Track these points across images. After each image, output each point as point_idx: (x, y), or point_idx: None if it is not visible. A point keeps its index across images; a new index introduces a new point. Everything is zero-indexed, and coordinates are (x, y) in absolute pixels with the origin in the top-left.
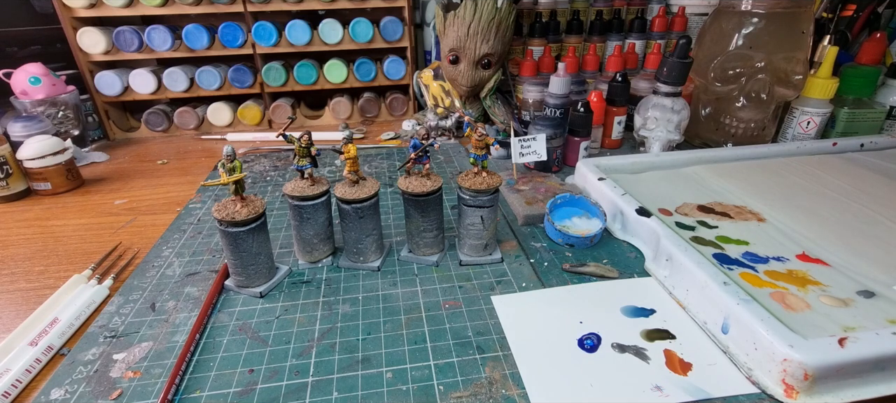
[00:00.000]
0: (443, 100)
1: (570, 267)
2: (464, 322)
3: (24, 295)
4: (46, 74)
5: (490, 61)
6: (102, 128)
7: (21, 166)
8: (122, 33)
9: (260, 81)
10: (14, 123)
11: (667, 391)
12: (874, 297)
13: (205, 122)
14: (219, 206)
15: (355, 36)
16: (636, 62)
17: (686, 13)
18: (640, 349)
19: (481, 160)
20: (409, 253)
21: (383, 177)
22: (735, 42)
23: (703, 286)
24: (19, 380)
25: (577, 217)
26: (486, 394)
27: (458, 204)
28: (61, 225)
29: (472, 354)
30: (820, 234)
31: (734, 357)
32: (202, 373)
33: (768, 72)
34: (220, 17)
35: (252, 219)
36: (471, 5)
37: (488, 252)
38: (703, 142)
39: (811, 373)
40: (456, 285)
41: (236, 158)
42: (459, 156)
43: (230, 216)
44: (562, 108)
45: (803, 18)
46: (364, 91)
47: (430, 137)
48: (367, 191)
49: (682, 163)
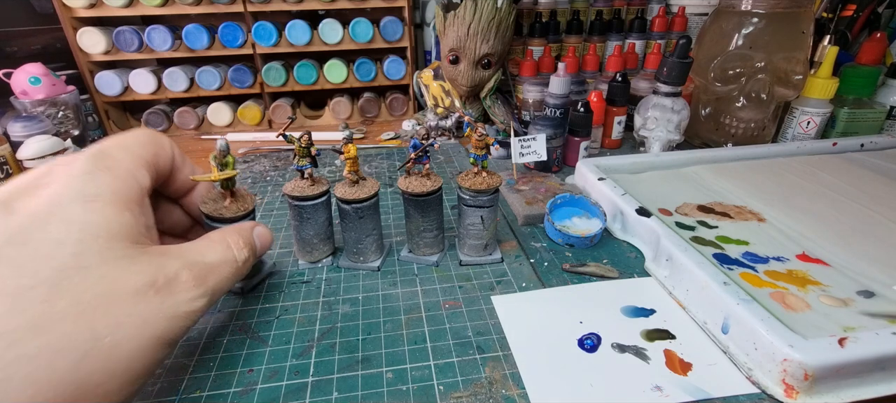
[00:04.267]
0: (443, 100)
1: (570, 267)
2: (464, 322)
3: None
4: (46, 74)
5: (490, 61)
6: (102, 128)
7: (21, 166)
8: (122, 33)
9: (260, 81)
10: (14, 123)
11: (667, 391)
12: (874, 297)
13: (205, 122)
14: (206, 199)
15: (355, 36)
16: (636, 62)
17: (686, 13)
18: (640, 349)
19: (481, 160)
20: (409, 253)
21: (383, 177)
22: (735, 42)
23: (704, 286)
24: None
25: (577, 217)
26: (486, 394)
27: (458, 204)
28: None
29: (472, 354)
30: (820, 234)
31: (734, 357)
32: (202, 373)
33: (768, 73)
34: (220, 17)
35: (240, 216)
36: (471, 5)
37: (488, 252)
38: (703, 142)
39: (811, 373)
40: (456, 285)
41: (230, 154)
42: (459, 156)
43: (217, 212)
44: (562, 108)
45: (803, 18)
46: (364, 91)
47: (430, 137)
48: (367, 191)
49: (682, 163)
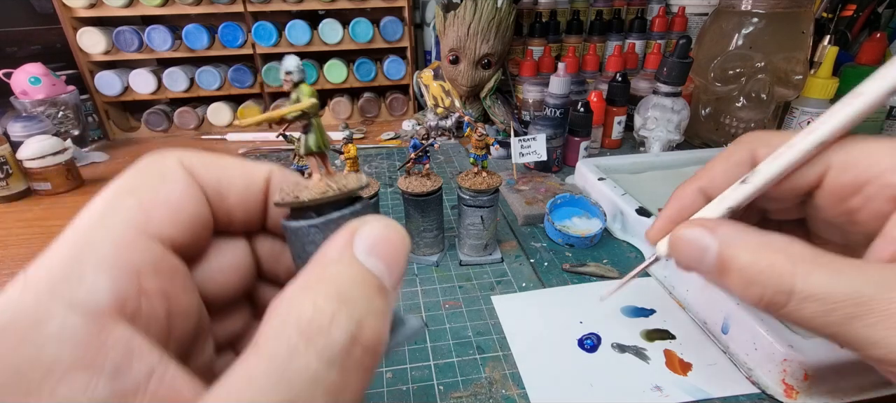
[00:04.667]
0: (443, 100)
1: (570, 267)
2: (464, 322)
3: None
4: (46, 74)
5: (490, 61)
6: (102, 128)
7: (21, 166)
8: (122, 33)
9: (260, 81)
10: (14, 123)
11: (667, 391)
12: None
13: (205, 122)
14: (284, 187)
15: (355, 36)
16: (636, 62)
17: (686, 13)
18: (640, 349)
19: (481, 160)
20: (409, 252)
21: (383, 177)
22: (735, 42)
23: (703, 286)
24: None
25: (577, 217)
26: (486, 394)
27: (458, 204)
28: (61, 225)
29: (472, 354)
30: None
31: (734, 357)
32: None
33: (768, 73)
34: (220, 17)
35: (338, 201)
36: (471, 5)
37: (488, 252)
38: (703, 142)
39: (811, 373)
40: (456, 285)
41: (303, 80)
42: (459, 156)
43: (295, 196)
44: (562, 108)
45: (803, 18)
46: (364, 91)
47: (430, 137)
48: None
49: (682, 163)
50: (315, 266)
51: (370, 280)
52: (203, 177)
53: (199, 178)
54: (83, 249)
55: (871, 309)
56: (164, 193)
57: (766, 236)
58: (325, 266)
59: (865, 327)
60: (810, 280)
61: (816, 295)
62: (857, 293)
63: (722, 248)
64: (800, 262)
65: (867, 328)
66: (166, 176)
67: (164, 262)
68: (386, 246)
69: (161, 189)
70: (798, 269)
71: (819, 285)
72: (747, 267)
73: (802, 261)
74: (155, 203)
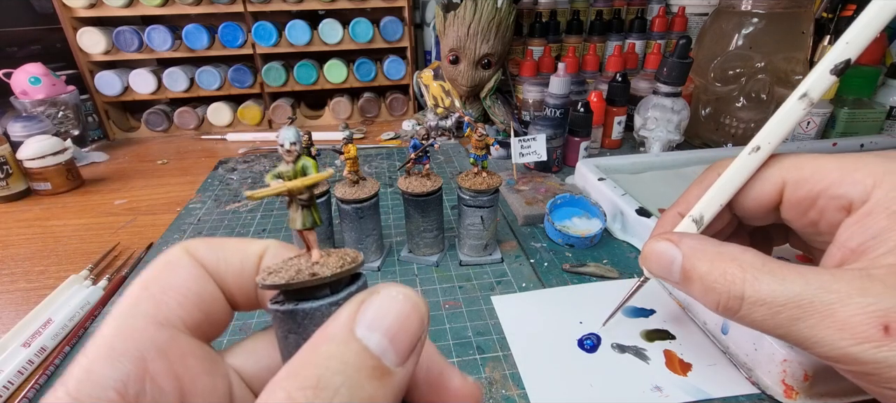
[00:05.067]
0: (443, 100)
1: (570, 268)
2: (464, 322)
3: (24, 295)
4: (46, 74)
5: (490, 61)
6: (102, 128)
7: (21, 166)
8: (122, 33)
9: (260, 81)
10: (14, 123)
11: (667, 391)
12: None
13: (205, 122)
14: (273, 268)
15: (355, 36)
16: (636, 62)
17: (686, 13)
18: (639, 349)
19: (481, 160)
20: (409, 253)
21: (383, 177)
22: (735, 42)
23: None
24: (11, 382)
25: (577, 217)
26: (486, 394)
27: (458, 205)
28: (61, 225)
29: (472, 354)
30: None
31: (734, 357)
32: None
33: (768, 73)
34: (220, 17)
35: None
36: (471, 5)
37: (488, 252)
38: (703, 142)
39: (811, 374)
40: (456, 285)
41: (305, 150)
42: (459, 156)
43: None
44: (562, 108)
45: (803, 18)
46: (364, 91)
47: (430, 137)
48: (367, 191)
49: (682, 163)
50: (308, 347)
51: (365, 361)
52: (206, 258)
53: (202, 261)
54: (99, 346)
55: (811, 311)
56: (170, 280)
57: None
58: (316, 346)
59: (808, 328)
60: (757, 286)
61: (764, 300)
62: (798, 296)
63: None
64: (750, 270)
65: (809, 328)
66: (172, 263)
67: (175, 345)
68: (391, 319)
69: (167, 277)
70: (747, 276)
71: (765, 291)
72: (705, 275)
73: (752, 269)
74: (163, 291)
